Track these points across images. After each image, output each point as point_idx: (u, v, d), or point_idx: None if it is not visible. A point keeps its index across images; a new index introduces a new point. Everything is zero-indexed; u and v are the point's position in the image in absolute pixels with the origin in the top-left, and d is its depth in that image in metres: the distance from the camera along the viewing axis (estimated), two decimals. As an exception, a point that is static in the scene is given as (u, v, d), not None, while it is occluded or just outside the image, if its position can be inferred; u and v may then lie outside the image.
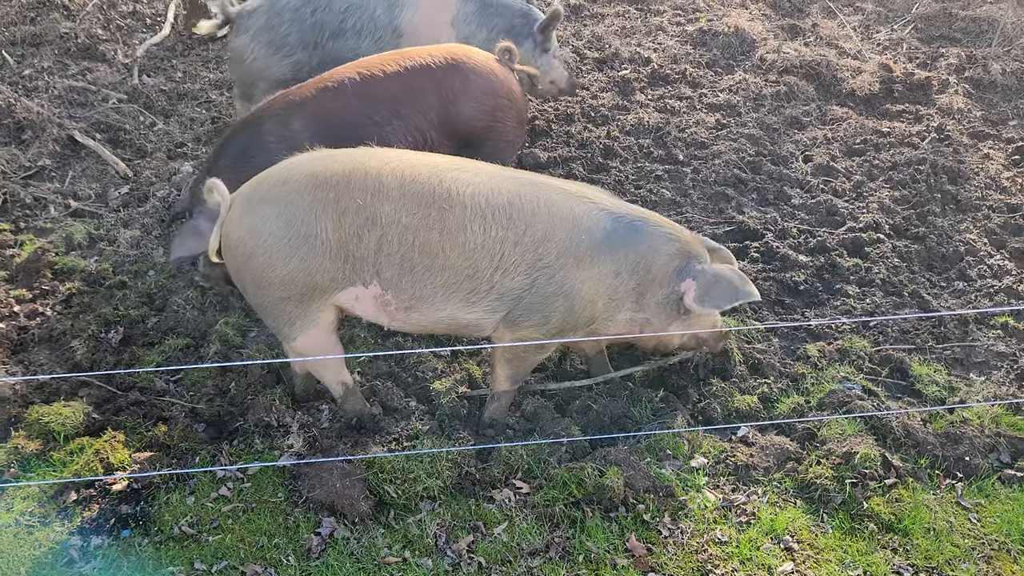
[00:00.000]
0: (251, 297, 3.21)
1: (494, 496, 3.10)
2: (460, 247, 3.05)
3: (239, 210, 3.09)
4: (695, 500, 3.13)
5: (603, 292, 3.21)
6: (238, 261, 3.11)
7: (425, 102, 3.82)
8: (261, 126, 3.73)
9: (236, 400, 3.52)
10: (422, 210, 3.01)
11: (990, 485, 3.30)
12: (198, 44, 6.32)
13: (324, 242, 3.01)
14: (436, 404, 3.47)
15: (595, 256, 3.16)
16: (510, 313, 3.17)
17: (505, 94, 4.03)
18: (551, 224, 3.13)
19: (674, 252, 3.28)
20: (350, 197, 3.00)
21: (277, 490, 3.07)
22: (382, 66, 3.84)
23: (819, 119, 5.96)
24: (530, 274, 3.11)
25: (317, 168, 3.07)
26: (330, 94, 3.74)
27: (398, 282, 3.08)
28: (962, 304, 4.40)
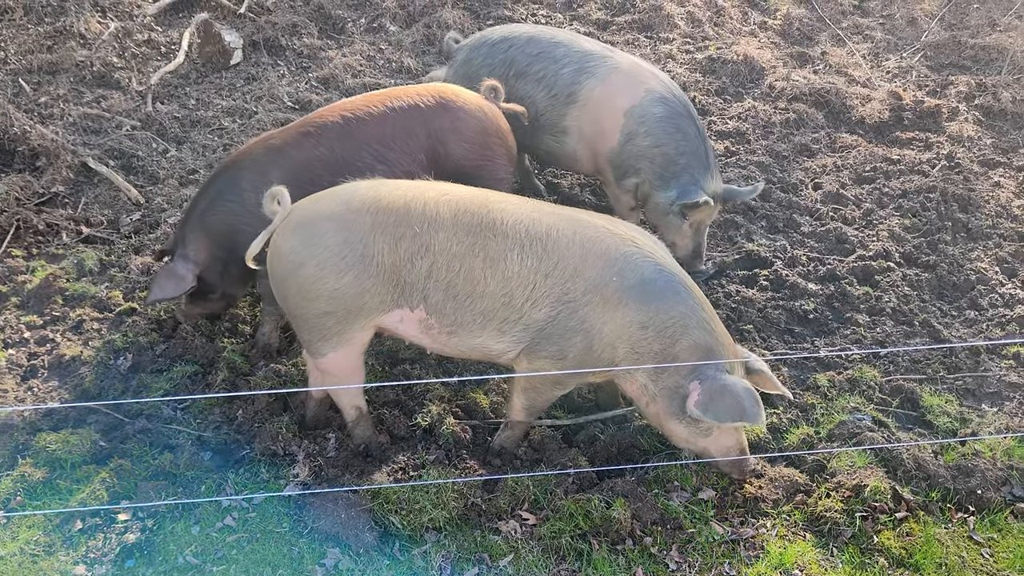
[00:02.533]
0: (291, 307, 3.25)
1: (500, 527, 3.08)
2: (499, 276, 3.11)
3: (296, 220, 3.15)
4: (703, 533, 3.10)
5: (625, 339, 3.15)
6: (286, 269, 3.15)
7: (413, 144, 3.78)
8: (239, 172, 3.73)
9: (243, 428, 3.53)
10: (470, 239, 3.10)
11: (1003, 519, 3.25)
12: (211, 72, 6.40)
13: (379, 264, 3.09)
14: (441, 433, 3.46)
15: (623, 300, 3.12)
16: (531, 343, 3.20)
17: (495, 132, 4.01)
18: (583, 260, 3.14)
19: (702, 344, 3.16)
20: (408, 224, 3.10)
21: (282, 520, 3.07)
22: (368, 107, 3.80)
23: (828, 147, 5.96)
24: (555, 307, 3.13)
25: (381, 193, 3.18)
26: (312, 140, 3.71)
27: (443, 308, 3.15)
28: (973, 334, 4.37)
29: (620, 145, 4.38)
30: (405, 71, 6.43)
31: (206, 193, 3.79)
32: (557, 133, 4.51)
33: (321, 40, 6.72)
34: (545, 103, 4.45)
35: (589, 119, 4.40)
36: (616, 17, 7.18)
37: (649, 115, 4.32)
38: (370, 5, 7.06)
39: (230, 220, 3.68)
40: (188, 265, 3.68)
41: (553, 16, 7.14)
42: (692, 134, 4.36)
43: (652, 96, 4.35)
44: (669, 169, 4.34)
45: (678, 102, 4.40)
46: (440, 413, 3.49)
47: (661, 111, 4.33)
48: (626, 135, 4.35)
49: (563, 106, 4.41)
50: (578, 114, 4.40)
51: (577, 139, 4.49)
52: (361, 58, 6.54)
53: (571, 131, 4.48)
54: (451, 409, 3.56)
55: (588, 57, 4.45)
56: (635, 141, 4.35)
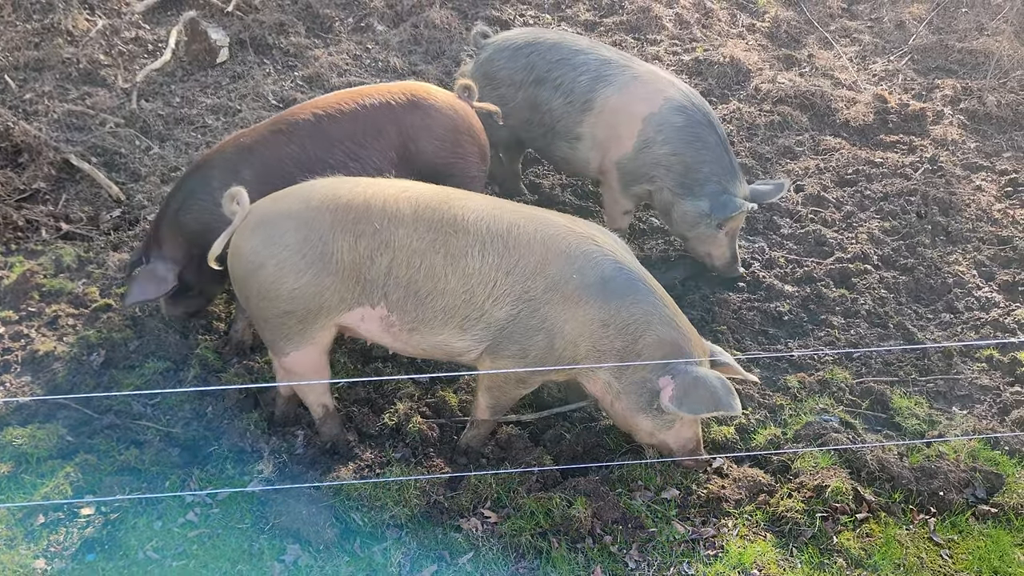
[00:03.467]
0: (253, 308, 3.26)
1: (461, 525, 3.09)
2: (460, 272, 3.11)
3: (255, 220, 3.16)
4: (664, 532, 3.11)
5: (586, 337, 3.15)
6: (246, 270, 3.16)
7: (385, 142, 3.78)
8: (210, 171, 3.73)
9: (212, 425, 3.53)
10: (430, 235, 3.10)
11: (964, 521, 3.26)
12: (197, 70, 6.41)
13: (339, 262, 3.09)
14: (408, 432, 3.47)
15: (584, 297, 3.12)
16: (493, 342, 3.20)
17: (466, 130, 4.01)
18: (544, 257, 3.14)
19: (667, 339, 3.17)
20: (368, 221, 3.10)
21: (245, 516, 3.08)
22: (339, 105, 3.81)
23: (812, 149, 5.97)
24: (516, 305, 3.13)
25: (340, 191, 3.18)
26: (283, 137, 3.72)
27: (403, 305, 3.15)
28: (948, 337, 4.38)
29: (635, 151, 4.38)
30: (391, 70, 6.44)
31: (179, 193, 3.80)
32: (572, 139, 4.52)
33: (308, 39, 6.73)
34: (562, 110, 4.46)
35: (604, 125, 4.40)
36: (604, 18, 7.19)
37: (667, 123, 4.31)
38: (358, 4, 7.08)
39: (203, 219, 3.69)
40: (168, 265, 3.69)
41: (541, 17, 7.15)
42: (713, 142, 4.34)
43: (671, 104, 4.35)
44: (690, 177, 4.32)
45: (698, 111, 4.39)
46: (407, 412, 3.49)
47: (680, 120, 4.32)
48: (642, 142, 4.34)
49: (579, 113, 4.42)
50: (593, 121, 4.41)
51: (590, 145, 4.50)
52: (347, 57, 6.56)
53: (585, 137, 4.48)
54: (419, 408, 3.56)
55: (607, 65, 4.46)
56: (651, 149, 4.34)
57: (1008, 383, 4.11)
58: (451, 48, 6.71)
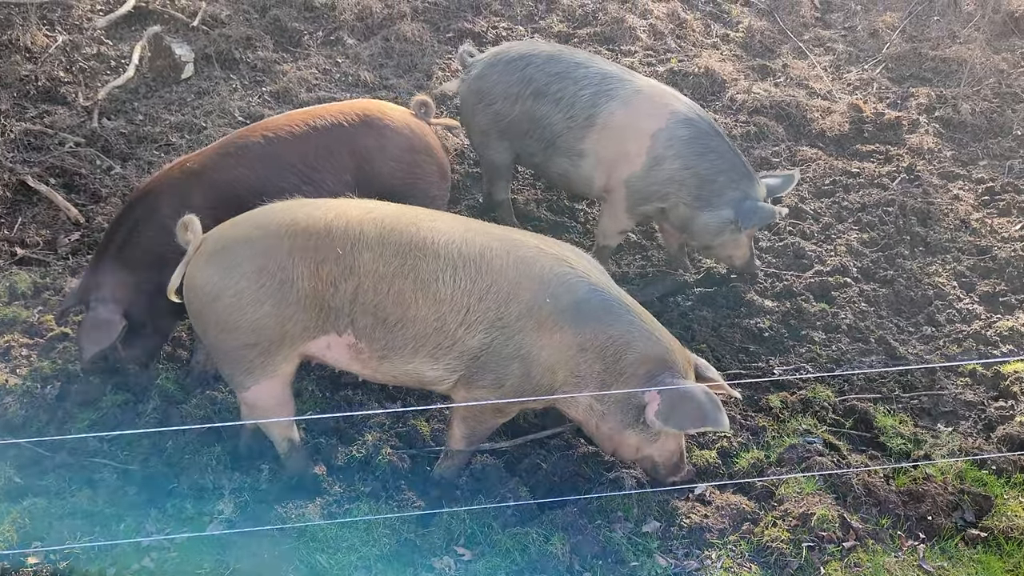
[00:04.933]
0: (211, 341, 3.13)
1: (434, 564, 2.95)
2: (431, 298, 2.99)
3: (210, 249, 3.02)
4: (646, 566, 2.99)
5: (564, 364, 3.04)
6: (202, 302, 3.02)
7: (338, 164, 3.66)
8: (156, 199, 3.59)
9: (173, 460, 3.37)
10: (398, 259, 2.97)
11: (953, 546, 3.17)
12: (161, 86, 6.25)
13: (299, 290, 2.96)
14: (377, 464, 3.32)
15: (558, 323, 3.00)
16: (467, 371, 3.08)
17: (424, 149, 3.89)
18: (517, 283, 3.02)
19: (650, 355, 3.06)
20: (330, 246, 2.97)
21: (204, 560, 2.92)
22: (289, 127, 3.69)
23: (788, 160, 5.91)
24: (489, 332, 3.01)
25: (298, 215, 3.04)
26: (232, 160, 3.59)
27: (372, 332, 3.03)
28: (930, 350, 4.31)
29: (645, 170, 4.26)
30: (361, 85, 6.31)
31: (122, 225, 3.63)
32: (573, 156, 4.39)
33: (276, 53, 6.59)
34: (562, 125, 4.33)
35: (610, 143, 4.28)
36: (578, 30, 7.11)
37: (676, 138, 4.21)
38: (327, 17, 6.95)
39: (154, 251, 3.54)
40: (109, 307, 3.50)
41: (514, 29, 7.06)
42: (724, 150, 4.28)
43: (678, 118, 4.26)
44: (706, 189, 4.23)
45: (703, 121, 4.33)
46: (376, 443, 3.35)
47: (688, 133, 4.23)
48: (653, 159, 4.23)
49: (581, 129, 4.29)
50: (597, 137, 4.28)
51: (594, 163, 4.36)
52: (317, 71, 6.42)
53: (588, 155, 4.35)
54: (387, 439, 3.42)
55: (608, 79, 4.34)
56: (663, 165, 4.23)
57: (992, 398, 4.04)
58: (423, 62, 6.60)
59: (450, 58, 6.68)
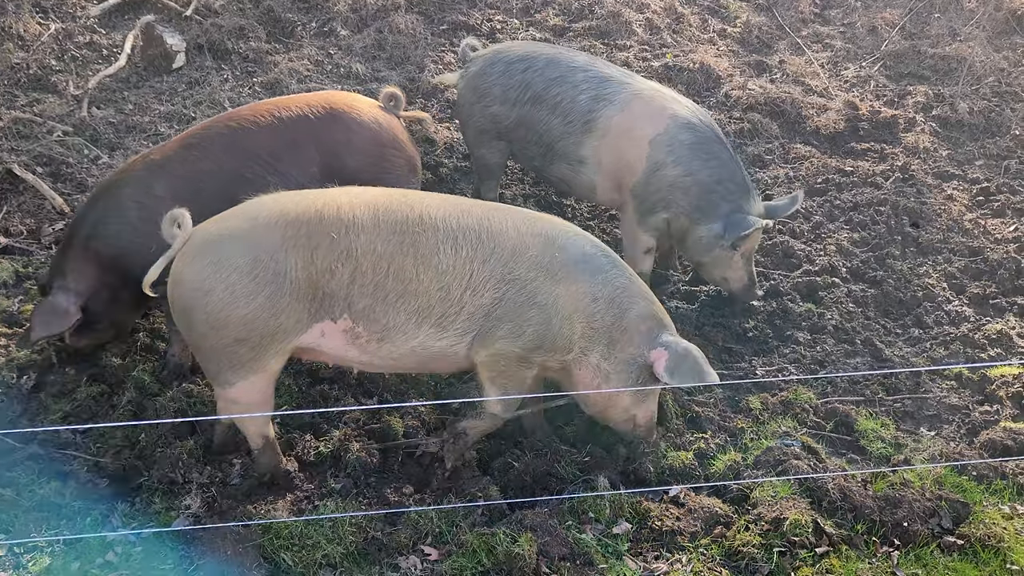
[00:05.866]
0: (197, 338, 3.08)
1: (399, 564, 2.92)
2: (433, 270, 3.05)
3: (199, 243, 3.00)
4: (614, 569, 2.95)
5: (581, 312, 3.19)
6: (192, 298, 2.99)
7: (304, 156, 3.62)
8: (120, 192, 3.56)
9: (145, 453, 3.35)
10: (396, 236, 3.03)
11: (928, 553, 3.12)
12: (153, 76, 6.22)
13: (293, 281, 2.96)
14: (348, 461, 3.30)
15: (571, 273, 3.18)
16: (481, 329, 3.12)
17: (391, 142, 3.85)
18: (520, 241, 3.16)
19: (648, 313, 3.29)
20: (323, 233, 2.97)
21: (168, 556, 2.89)
22: (255, 118, 3.66)
23: (782, 157, 5.85)
24: (499, 288, 3.11)
25: (287, 205, 3.05)
26: (196, 152, 3.57)
27: (371, 312, 3.04)
28: (916, 352, 4.26)
29: (646, 176, 4.13)
30: (353, 76, 6.27)
31: (87, 218, 3.61)
32: (573, 162, 4.30)
33: (269, 44, 6.55)
34: (561, 130, 4.24)
35: (609, 149, 4.18)
36: (573, 23, 7.05)
37: (677, 143, 4.07)
38: (321, 8, 6.89)
39: (118, 243, 3.53)
40: (70, 297, 3.49)
41: (509, 22, 7.00)
42: (726, 158, 4.15)
43: (678, 122, 4.12)
44: (706, 199, 4.08)
45: (705, 126, 4.18)
46: (345, 438, 3.32)
47: (689, 137, 4.09)
48: (652, 165, 4.10)
49: (580, 135, 4.19)
50: (596, 144, 4.18)
51: (595, 170, 4.27)
52: (309, 63, 6.38)
53: (588, 161, 4.26)
54: (355, 434, 3.39)
55: (606, 83, 4.23)
56: (663, 172, 4.10)
57: (977, 402, 3.99)
58: (415, 54, 6.55)
59: (443, 50, 6.64)
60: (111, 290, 3.61)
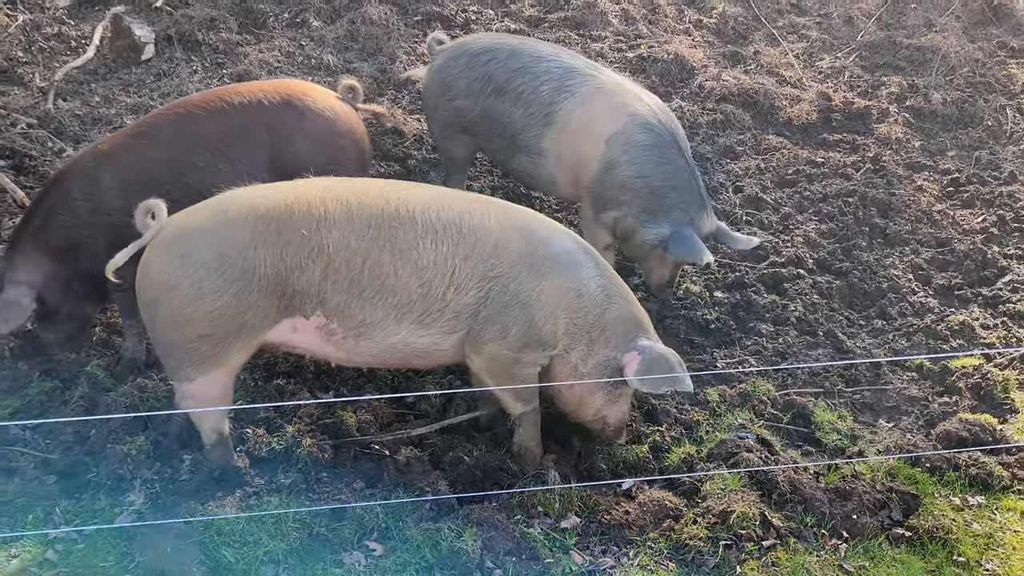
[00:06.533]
0: (160, 332, 3.04)
1: (343, 560, 2.90)
2: (412, 266, 2.98)
3: (168, 236, 2.96)
4: (560, 563, 2.93)
5: (565, 308, 3.13)
6: (158, 291, 2.95)
7: (254, 141, 3.60)
8: (68, 184, 3.55)
9: (95, 449, 3.32)
10: (372, 231, 2.96)
11: (876, 546, 3.11)
12: (121, 68, 6.16)
13: (262, 277, 2.92)
14: (299, 456, 3.27)
15: (553, 267, 3.12)
16: (470, 331, 3.08)
17: (346, 132, 3.82)
18: (502, 235, 3.09)
19: (627, 315, 3.25)
20: (293, 229, 2.92)
21: (109, 553, 2.87)
22: (204, 105, 3.65)
23: (753, 148, 5.83)
24: (482, 286, 3.06)
25: (257, 200, 3.00)
26: (144, 141, 3.56)
27: (345, 309, 2.99)
28: (879, 344, 4.25)
29: (600, 174, 4.07)
30: (325, 68, 6.22)
31: (37, 211, 3.60)
32: (534, 155, 4.25)
33: (240, 35, 6.50)
34: (523, 122, 4.18)
35: (568, 143, 4.12)
36: (548, 14, 7.01)
37: (633, 142, 3.98)
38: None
39: (68, 234, 3.52)
40: (21, 289, 3.47)
41: (484, 12, 6.95)
42: (681, 165, 4.04)
43: (636, 121, 4.02)
44: (656, 203, 4.00)
45: (664, 128, 4.08)
46: (297, 434, 3.30)
47: (646, 138, 3.99)
48: (606, 164, 4.04)
49: (541, 127, 4.13)
50: (556, 137, 4.12)
51: (555, 163, 4.21)
52: (279, 54, 6.33)
53: (548, 154, 4.20)
54: (308, 429, 3.37)
55: (570, 75, 4.14)
56: (617, 171, 4.03)
57: (937, 393, 3.98)
58: (388, 45, 6.50)
59: (416, 42, 6.59)
60: (64, 281, 3.60)
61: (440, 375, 3.78)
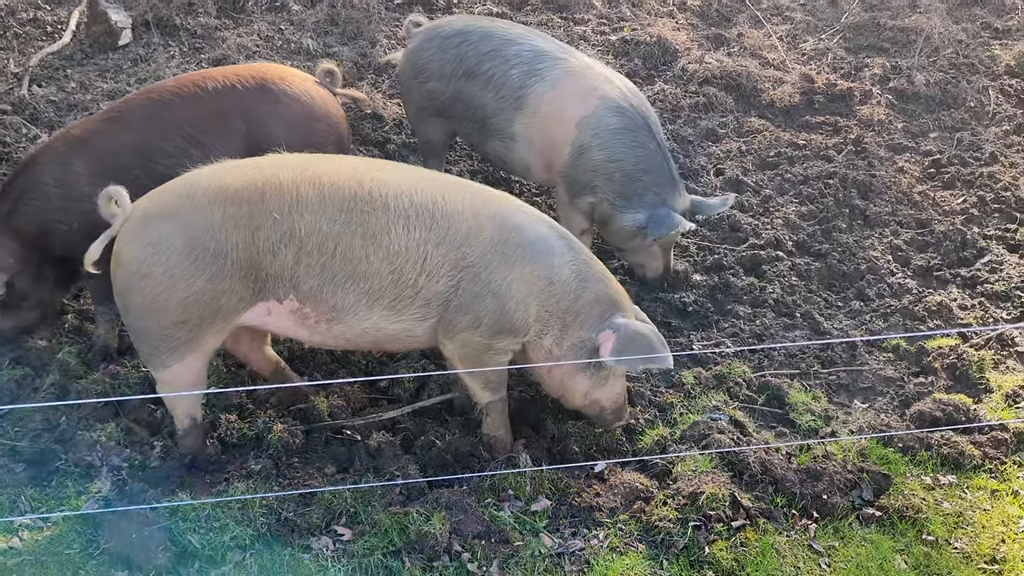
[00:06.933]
0: (135, 320, 3.00)
1: (311, 545, 2.89)
2: (383, 251, 2.94)
3: (137, 224, 2.91)
4: (530, 546, 2.93)
5: (536, 296, 3.09)
6: (130, 280, 2.92)
7: (229, 127, 3.56)
8: (39, 169, 3.51)
9: (65, 436, 3.30)
10: (343, 215, 2.91)
11: (846, 526, 3.11)
12: (97, 53, 6.09)
13: (234, 262, 2.88)
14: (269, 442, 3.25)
15: (525, 255, 3.07)
16: (443, 319, 3.05)
17: (323, 118, 3.78)
18: (475, 223, 3.04)
19: (603, 296, 3.20)
20: (265, 212, 2.87)
21: (75, 541, 2.85)
22: (178, 89, 3.60)
23: (735, 131, 5.80)
24: (453, 275, 3.01)
25: (227, 181, 2.93)
26: (115, 126, 3.52)
27: (318, 293, 2.95)
28: (856, 325, 4.24)
29: (572, 159, 4.03)
30: (304, 52, 6.16)
31: (7, 195, 3.56)
32: (506, 139, 4.20)
33: (219, 19, 6.43)
34: (493, 106, 4.13)
35: (539, 128, 4.08)
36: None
37: (603, 126, 3.94)
38: (275, -18, 6.77)
39: (39, 220, 3.48)
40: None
41: (465, -5, 6.89)
42: (652, 148, 4.00)
43: (607, 105, 3.98)
44: (630, 187, 3.97)
45: (636, 111, 4.03)
46: (267, 420, 3.28)
47: (617, 122, 3.96)
48: (578, 148, 4.00)
49: (511, 111, 4.08)
50: (527, 122, 4.08)
51: (526, 148, 4.17)
52: (258, 38, 6.27)
53: (520, 139, 4.16)
54: (279, 415, 3.35)
55: (540, 58, 4.10)
56: (588, 155, 3.99)
57: (913, 374, 3.98)
58: (368, 29, 6.44)
59: (397, 25, 6.52)
60: (35, 267, 3.57)
61: (414, 359, 3.76)
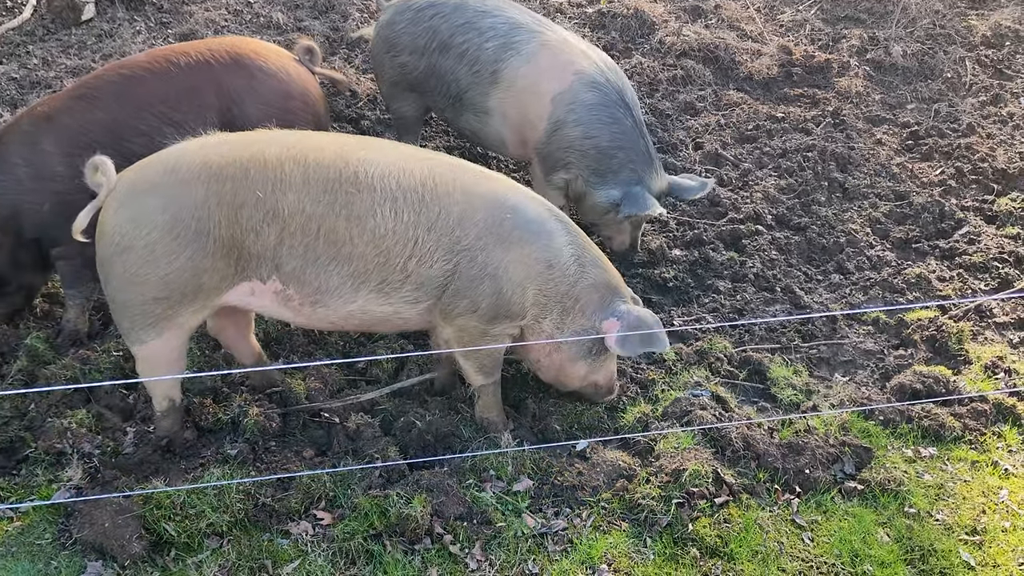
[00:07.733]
0: (115, 292, 2.93)
1: (290, 530, 2.84)
2: (368, 234, 2.86)
3: (121, 196, 2.83)
4: (512, 527, 2.90)
5: (534, 279, 3.04)
6: (111, 251, 2.85)
7: (202, 103, 3.46)
8: (7, 148, 3.40)
9: (34, 424, 3.22)
10: (327, 196, 2.83)
11: (829, 500, 3.11)
12: (60, 29, 5.91)
13: (216, 239, 2.80)
14: (245, 426, 3.19)
15: (523, 237, 3.00)
16: (440, 303, 3.00)
17: (299, 95, 3.68)
18: (468, 204, 2.95)
19: (601, 281, 3.16)
20: (249, 190, 2.79)
21: (46, 531, 2.78)
22: (149, 65, 3.49)
23: (714, 104, 5.75)
24: (450, 259, 2.94)
25: (211, 157, 2.85)
26: (84, 103, 3.41)
27: (301, 275, 2.88)
28: (836, 299, 4.24)
29: (547, 135, 3.97)
30: (274, 26, 6.02)
31: None
32: (480, 114, 4.12)
33: (186, -7, 6.25)
34: (468, 80, 4.05)
35: (514, 103, 4.00)
36: (506, -32, 6.81)
37: (579, 102, 3.88)
38: (242, -45, 6.59)
39: (8, 200, 3.38)
40: None
41: (439, -33, 6.74)
42: (628, 124, 3.94)
43: (583, 80, 3.91)
44: (604, 164, 3.92)
45: (612, 87, 3.95)
46: (243, 404, 3.21)
47: (592, 97, 3.89)
48: (553, 124, 3.94)
49: (486, 85, 4.00)
50: (502, 96, 4.00)
51: (501, 123, 4.10)
52: (227, 12, 6.12)
53: (494, 113, 4.08)
54: (255, 398, 3.28)
55: (515, 31, 4.01)
56: (563, 131, 3.93)
57: (893, 346, 3.98)
58: (340, 2, 6.31)
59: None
60: (9, 250, 3.47)
61: (392, 340, 3.70)
